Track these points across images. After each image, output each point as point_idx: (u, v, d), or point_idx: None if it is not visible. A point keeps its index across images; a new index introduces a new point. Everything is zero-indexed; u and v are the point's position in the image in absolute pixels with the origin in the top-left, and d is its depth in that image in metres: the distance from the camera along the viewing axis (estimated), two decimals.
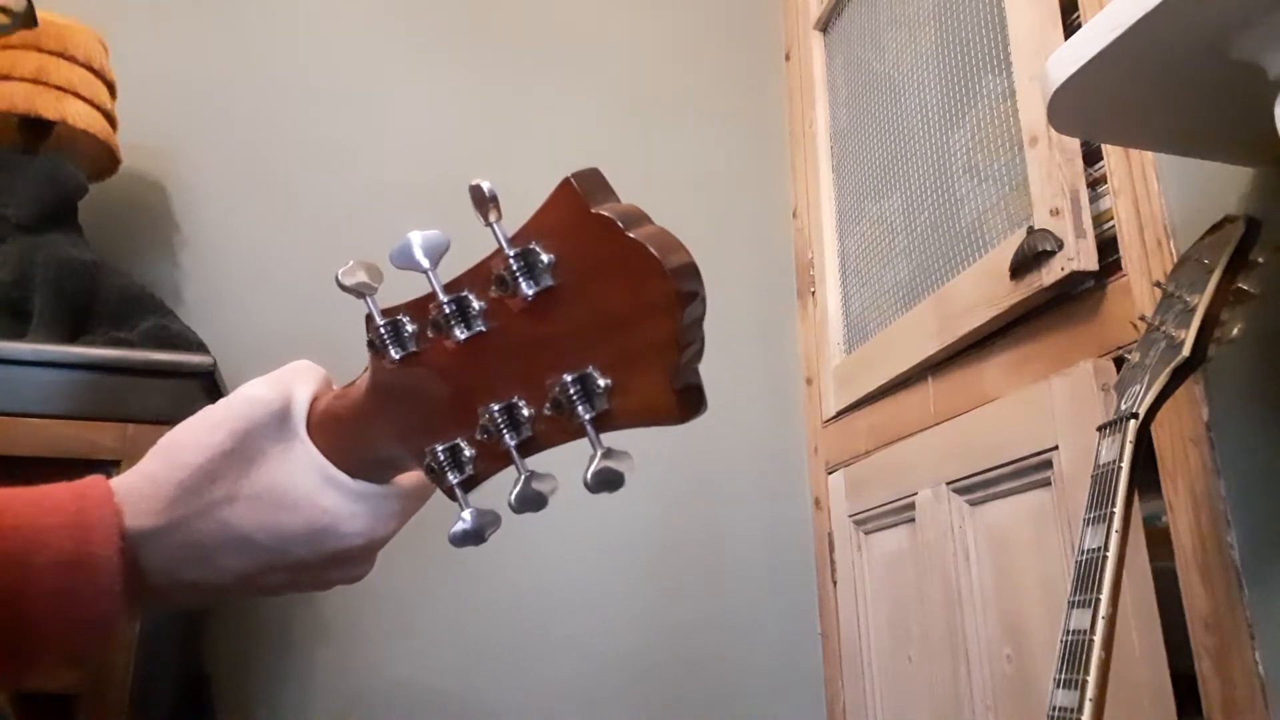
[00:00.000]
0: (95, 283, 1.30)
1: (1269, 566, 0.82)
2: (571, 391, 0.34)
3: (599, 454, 0.33)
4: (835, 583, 1.63)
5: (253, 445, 0.41)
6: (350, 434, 0.42)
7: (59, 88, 1.33)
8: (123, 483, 0.40)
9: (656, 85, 1.94)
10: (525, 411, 0.36)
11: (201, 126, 1.66)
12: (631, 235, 0.32)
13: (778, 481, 1.76)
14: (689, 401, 0.32)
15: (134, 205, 1.59)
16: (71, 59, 1.36)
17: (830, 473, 1.68)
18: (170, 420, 0.44)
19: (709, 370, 0.34)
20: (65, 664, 0.40)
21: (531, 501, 0.36)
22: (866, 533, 1.56)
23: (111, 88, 1.44)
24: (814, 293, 1.80)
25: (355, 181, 1.69)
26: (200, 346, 1.30)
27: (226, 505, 0.40)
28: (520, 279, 0.34)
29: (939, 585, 1.29)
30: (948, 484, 1.28)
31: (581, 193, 0.33)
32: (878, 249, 1.59)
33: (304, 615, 1.50)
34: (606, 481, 0.33)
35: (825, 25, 1.89)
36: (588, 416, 0.34)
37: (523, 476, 0.36)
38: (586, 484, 0.33)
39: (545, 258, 0.34)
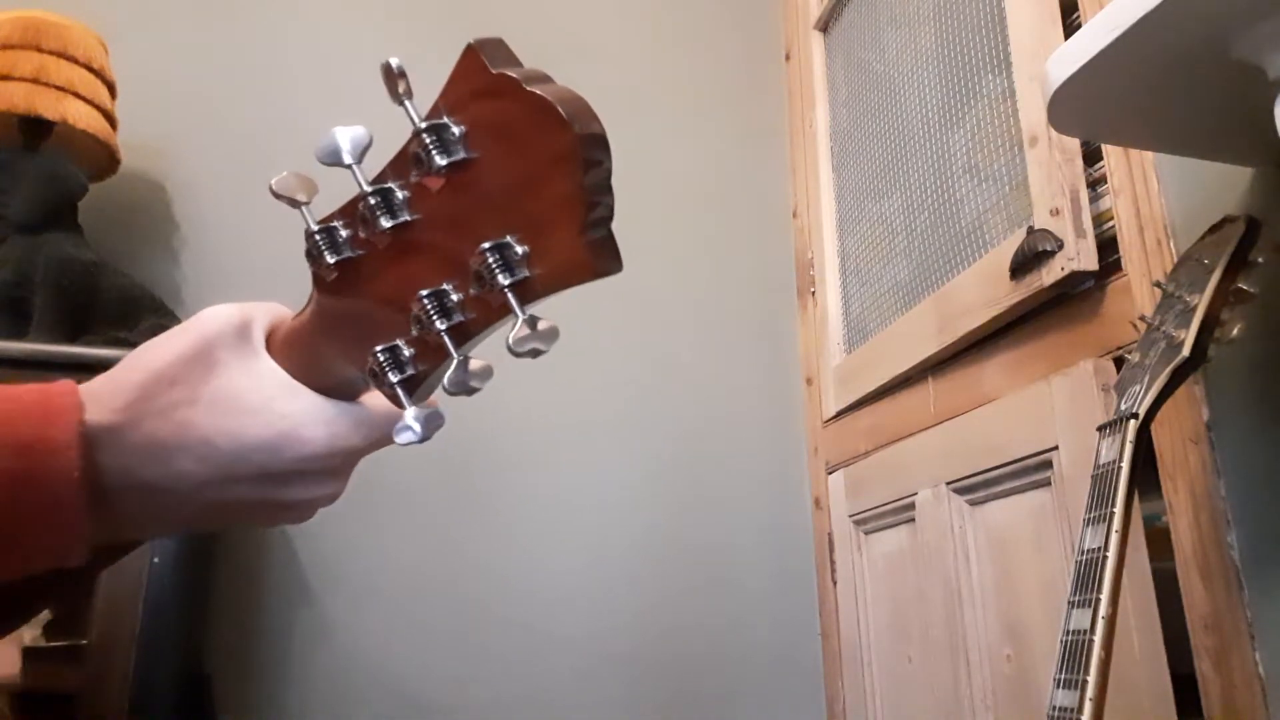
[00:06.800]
0: (95, 283, 1.30)
1: (1269, 566, 0.82)
2: (490, 260, 0.33)
3: (520, 320, 0.32)
4: (835, 583, 1.63)
5: (212, 354, 0.41)
6: (305, 359, 0.42)
7: (59, 88, 1.33)
8: (88, 385, 0.41)
9: (656, 85, 1.94)
10: (454, 297, 0.35)
11: (201, 126, 1.66)
12: (532, 90, 0.31)
13: (778, 481, 1.76)
14: (601, 256, 0.31)
15: (134, 205, 1.59)
16: (71, 59, 1.36)
17: (830, 473, 1.68)
18: None
19: (709, 368, 0.34)
20: (25, 566, 0.40)
21: (462, 387, 0.35)
22: (866, 533, 1.56)
23: (111, 88, 1.44)
24: (814, 293, 1.80)
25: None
26: None
27: (186, 407, 0.40)
28: (434, 152, 0.34)
29: (939, 585, 1.29)
30: (948, 484, 1.28)
31: (484, 57, 0.33)
32: (878, 249, 1.59)
33: (304, 615, 1.50)
34: (529, 350, 0.33)
35: (825, 25, 1.89)
36: (506, 283, 0.33)
37: (454, 361, 0.35)
38: (510, 349, 0.32)
39: (456, 130, 0.33)
